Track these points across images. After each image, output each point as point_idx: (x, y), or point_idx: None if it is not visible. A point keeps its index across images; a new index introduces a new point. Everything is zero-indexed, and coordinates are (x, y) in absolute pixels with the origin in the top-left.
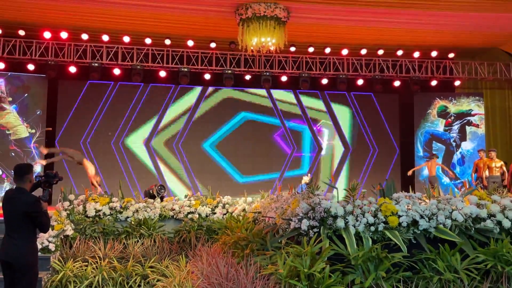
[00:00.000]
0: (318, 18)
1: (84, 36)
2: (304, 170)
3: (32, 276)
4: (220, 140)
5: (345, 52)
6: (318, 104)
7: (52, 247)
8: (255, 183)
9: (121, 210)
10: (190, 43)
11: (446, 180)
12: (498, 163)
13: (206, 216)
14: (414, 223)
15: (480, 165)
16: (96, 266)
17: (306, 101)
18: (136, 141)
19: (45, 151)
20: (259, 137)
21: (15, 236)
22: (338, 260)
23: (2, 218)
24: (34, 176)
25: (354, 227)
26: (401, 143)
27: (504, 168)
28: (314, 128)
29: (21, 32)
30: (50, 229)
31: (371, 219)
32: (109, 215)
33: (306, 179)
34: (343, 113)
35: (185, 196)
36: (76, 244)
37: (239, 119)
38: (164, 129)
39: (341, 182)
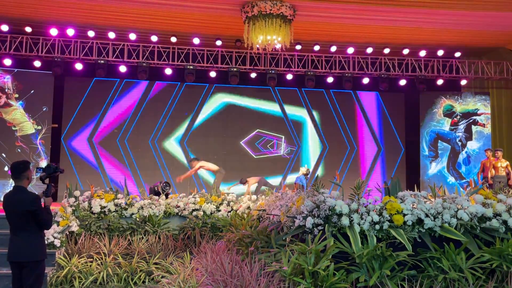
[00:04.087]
0: (324, 17)
1: (91, 33)
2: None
3: (39, 271)
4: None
5: (351, 50)
6: (324, 102)
7: (57, 243)
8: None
9: (126, 207)
10: (196, 40)
11: (451, 179)
12: (504, 163)
13: (211, 213)
14: (419, 221)
15: (486, 164)
16: (101, 262)
17: (311, 99)
18: (141, 138)
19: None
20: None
21: (22, 234)
22: (343, 258)
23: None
24: (35, 171)
25: (359, 225)
26: (406, 142)
27: (510, 168)
28: (318, 126)
29: (28, 29)
30: (55, 225)
31: (376, 218)
32: (114, 211)
33: (303, 169)
34: (349, 112)
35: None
36: (81, 240)
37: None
38: (169, 126)
39: (346, 180)
